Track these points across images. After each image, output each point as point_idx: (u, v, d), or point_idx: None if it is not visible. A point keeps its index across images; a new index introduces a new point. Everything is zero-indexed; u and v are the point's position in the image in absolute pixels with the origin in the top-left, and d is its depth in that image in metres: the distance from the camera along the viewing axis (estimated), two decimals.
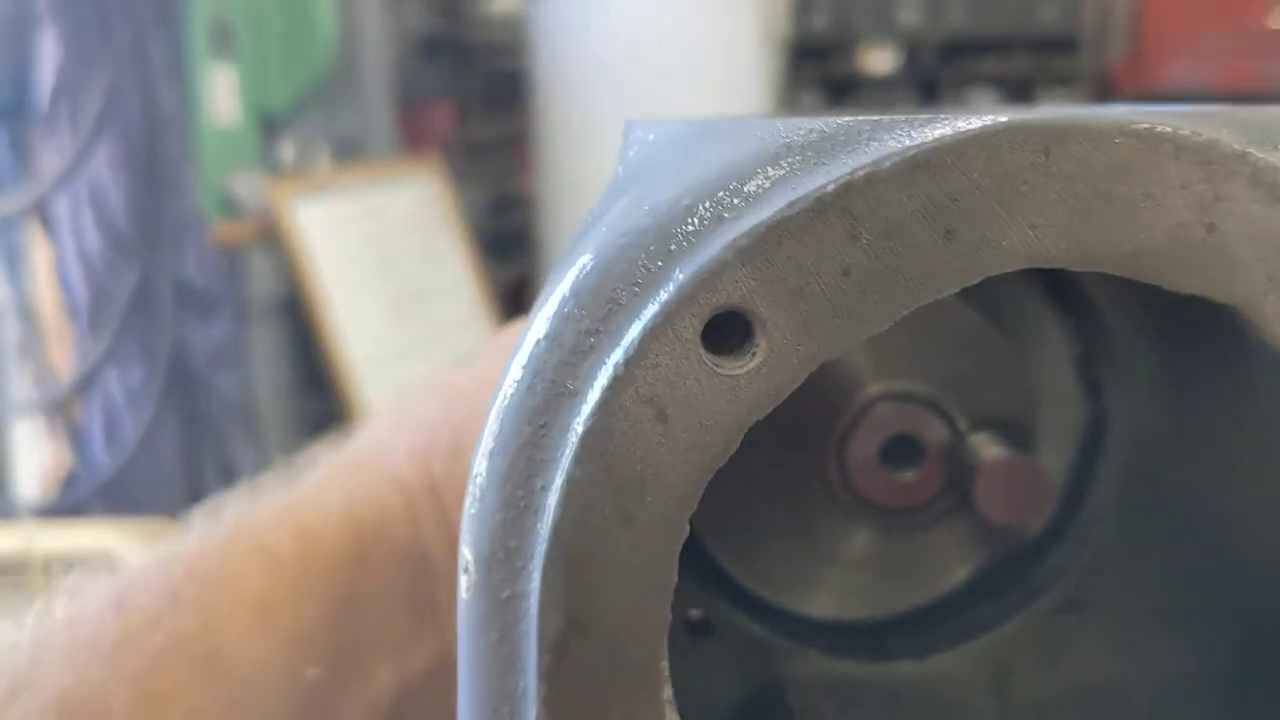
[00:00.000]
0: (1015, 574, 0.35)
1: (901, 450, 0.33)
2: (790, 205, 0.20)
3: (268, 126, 2.38)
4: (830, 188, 0.19)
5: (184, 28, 2.07)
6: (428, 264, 2.54)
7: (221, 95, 2.25)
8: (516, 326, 0.50)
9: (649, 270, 0.20)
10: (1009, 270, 0.20)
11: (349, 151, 2.59)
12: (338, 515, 0.39)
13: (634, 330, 0.20)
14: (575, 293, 0.21)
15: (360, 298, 2.32)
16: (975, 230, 0.20)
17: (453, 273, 2.60)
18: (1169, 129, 0.20)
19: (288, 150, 2.45)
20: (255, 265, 2.22)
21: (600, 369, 0.20)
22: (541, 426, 0.21)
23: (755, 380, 0.20)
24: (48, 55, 1.85)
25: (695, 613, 0.35)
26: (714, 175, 0.21)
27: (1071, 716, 0.34)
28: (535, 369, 0.21)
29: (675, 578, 0.21)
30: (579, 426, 0.21)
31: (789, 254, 0.20)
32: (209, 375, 1.99)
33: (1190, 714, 0.33)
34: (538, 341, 0.21)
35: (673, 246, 0.20)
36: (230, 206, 2.23)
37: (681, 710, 0.23)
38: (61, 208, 1.85)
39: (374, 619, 0.39)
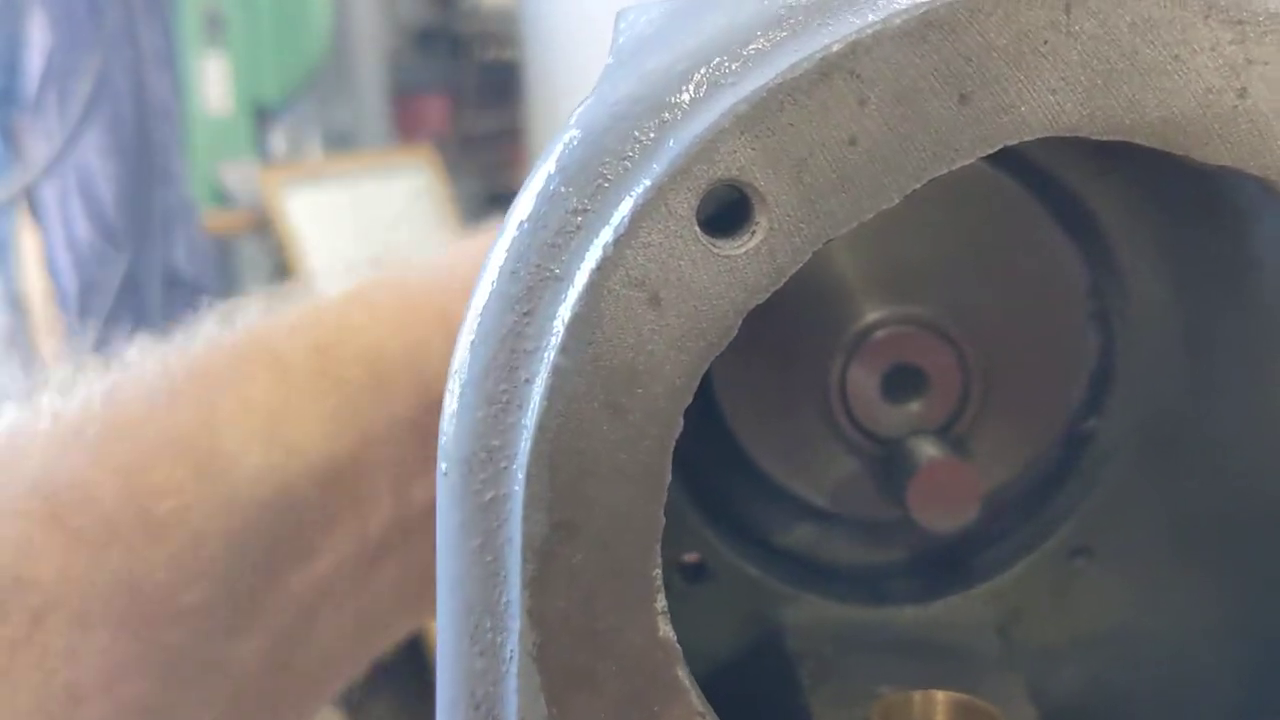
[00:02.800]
0: (1023, 515, 0.34)
1: (905, 379, 0.31)
2: (793, 68, 0.18)
3: (260, 116, 2.37)
4: (836, 48, 0.18)
5: (175, 15, 2.06)
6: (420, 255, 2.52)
7: (213, 84, 2.24)
8: None
9: (641, 142, 0.19)
10: (1028, 139, 0.19)
11: (341, 143, 2.57)
12: (362, 333, 0.38)
13: (624, 208, 0.19)
14: (561, 169, 0.19)
15: None
16: (992, 94, 0.18)
17: None
18: None
19: (279, 141, 2.43)
20: (246, 255, 2.20)
21: (588, 250, 0.19)
22: (525, 314, 0.20)
23: (755, 261, 0.19)
24: (37, 41, 1.83)
25: (691, 556, 0.34)
26: (712, 41, 0.19)
27: (1081, 661, 0.33)
28: (518, 252, 0.20)
29: (669, 475, 0.20)
30: (565, 313, 0.19)
31: (791, 121, 0.18)
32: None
33: (1203, 658, 0.31)
34: (521, 223, 0.20)
35: (666, 116, 0.19)
36: (221, 196, 2.21)
37: (683, 654, 0.22)
38: (50, 195, 1.84)
39: (380, 448, 0.37)
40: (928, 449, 0.29)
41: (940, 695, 0.29)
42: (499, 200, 3.10)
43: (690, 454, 0.34)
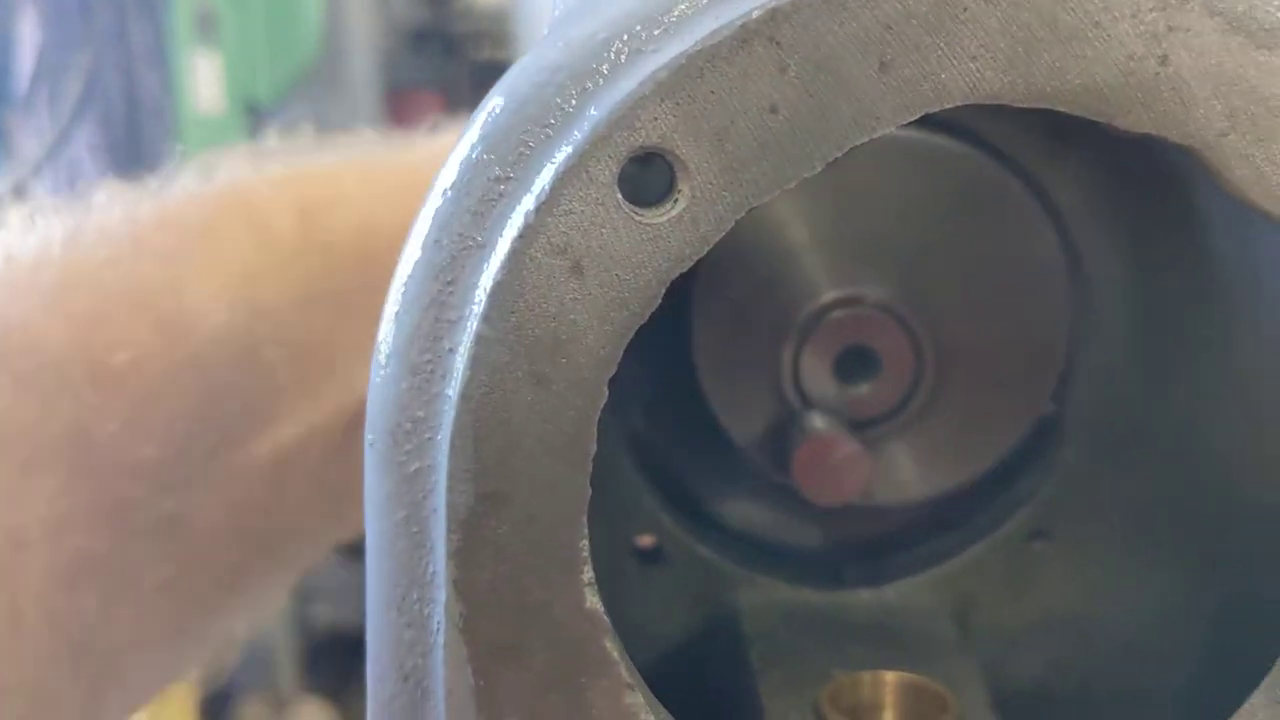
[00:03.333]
0: (979, 498, 0.34)
1: (858, 361, 0.31)
2: (712, 34, 0.18)
3: (252, 115, 2.36)
4: (755, 14, 0.18)
5: (167, 13, 2.05)
6: None
7: (205, 82, 2.23)
8: None
9: (563, 110, 0.19)
10: (948, 106, 0.19)
11: None
12: (352, 203, 0.36)
13: (546, 175, 0.19)
14: (484, 137, 0.19)
15: None
16: (912, 62, 0.18)
17: None
18: None
19: (272, 140, 2.43)
20: None
21: (510, 218, 0.19)
22: (449, 283, 0.20)
23: (678, 229, 0.19)
24: (28, 39, 1.83)
25: (646, 539, 0.34)
26: (634, 8, 0.19)
27: (1038, 645, 0.33)
28: (442, 221, 0.20)
29: (594, 446, 0.20)
30: (487, 281, 0.19)
31: (712, 88, 0.18)
32: None
33: (1158, 642, 0.31)
34: (444, 192, 0.20)
35: (588, 84, 0.19)
36: None
37: (631, 638, 0.22)
38: (41, 192, 1.83)
39: (362, 319, 0.36)
40: (819, 423, 0.29)
41: (889, 676, 0.29)
42: None
43: (646, 437, 0.34)
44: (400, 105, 2.80)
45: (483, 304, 0.19)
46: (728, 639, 0.32)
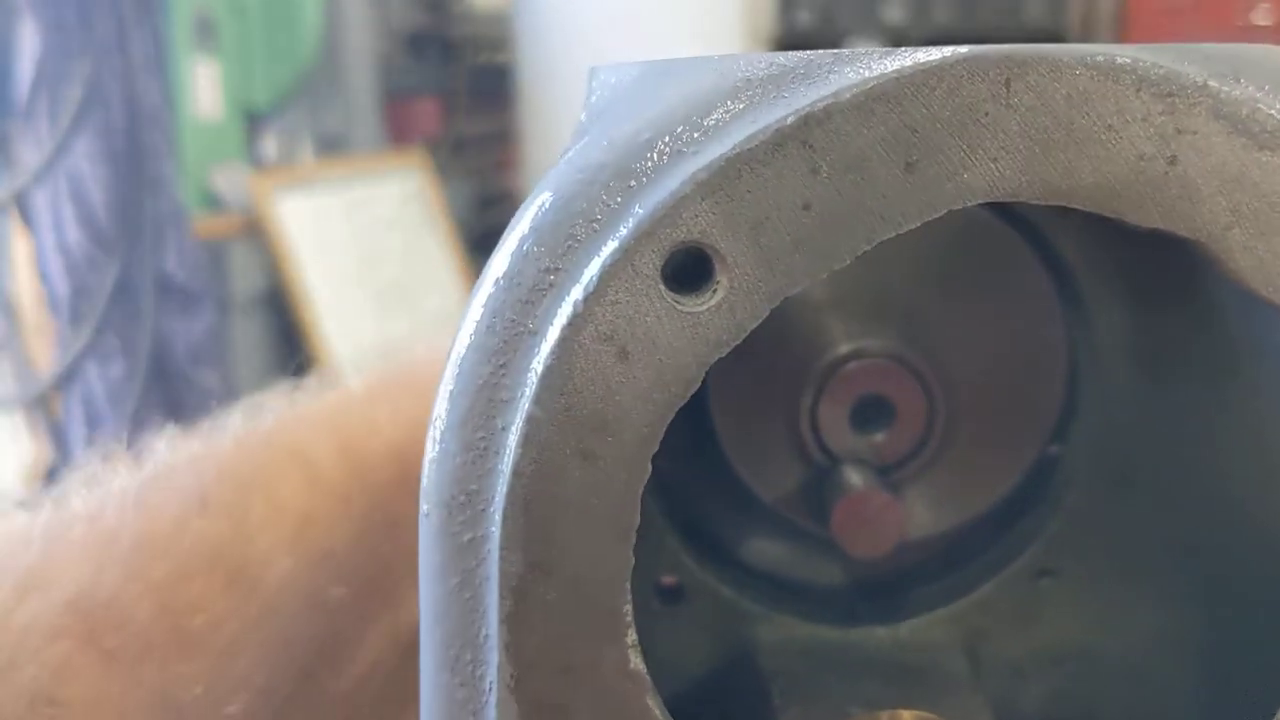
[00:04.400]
0: (989, 538, 0.35)
1: (873, 410, 0.32)
2: (749, 138, 0.19)
3: (251, 121, 2.37)
4: (790, 120, 0.19)
5: (166, 20, 2.06)
6: (412, 259, 2.53)
7: (204, 89, 2.24)
8: None
9: (608, 206, 0.20)
10: (970, 204, 0.20)
11: (333, 147, 2.57)
12: (385, 432, 0.38)
13: (593, 267, 0.20)
14: (534, 230, 0.21)
15: (343, 292, 2.31)
16: (936, 163, 0.20)
17: (437, 268, 2.59)
18: (1129, 60, 0.20)
19: (270, 145, 2.43)
20: (237, 259, 2.20)
21: (559, 307, 0.20)
22: (501, 366, 0.21)
23: (717, 317, 0.20)
24: (27, 47, 1.83)
25: (668, 578, 0.35)
26: (674, 110, 0.20)
27: (1046, 679, 0.34)
28: (494, 308, 0.21)
29: (638, 519, 0.21)
30: (538, 365, 0.20)
31: (749, 188, 0.20)
32: (190, 370, 1.97)
33: (1163, 676, 0.33)
34: (497, 280, 0.21)
35: (632, 182, 0.20)
36: (212, 200, 2.22)
37: (655, 674, 0.23)
38: (41, 201, 1.84)
39: (409, 543, 0.37)
40: (855, 478, 0.30)
41: (906, 715, 0.30)
42: (491, 203, 3.11)
43: (671, 479, 0.35)
44: (399, 110, 2.81)
45: (534, 386, 0.20)
46: (748, 675, 0.33)
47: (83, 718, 0.32)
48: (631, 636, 0.22)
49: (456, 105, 2.96)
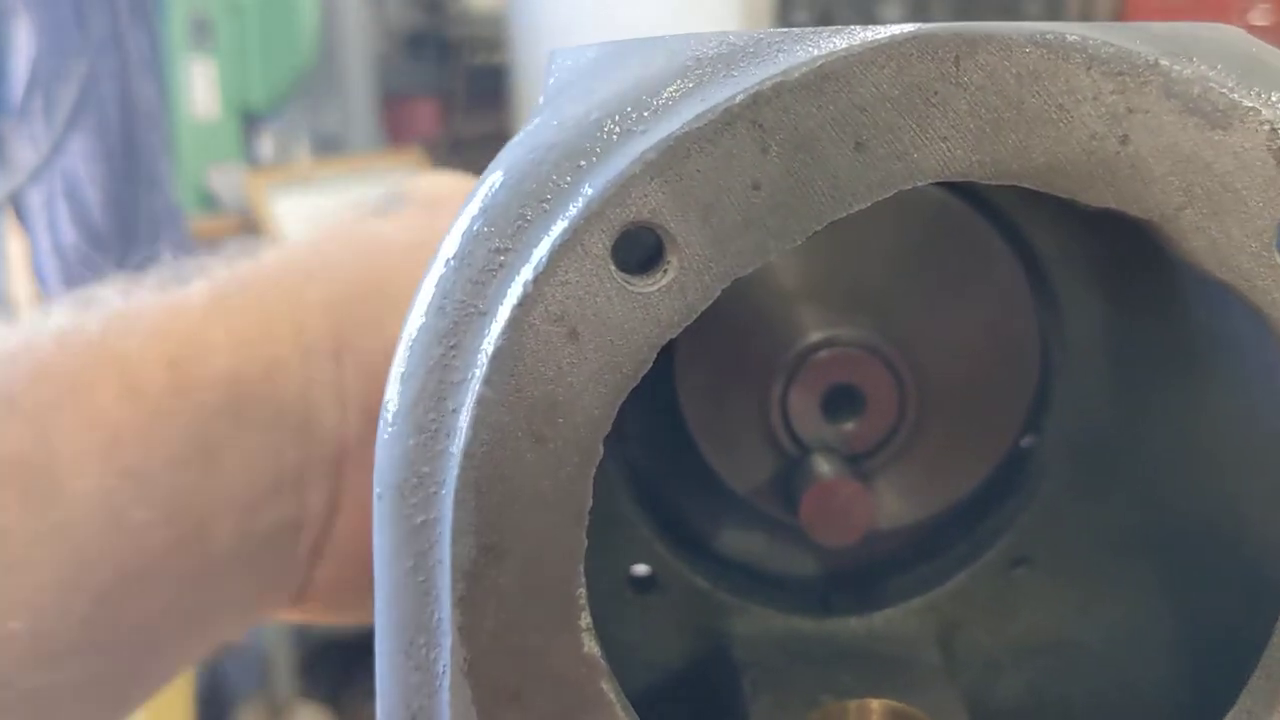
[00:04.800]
0: (962, 527, 0.35)
1: (844, 399, 0.32)
2: (698, 117, 0.19)
3: (247, 121, 2.37)
4: (739, 98, 0.19)
5: (162, 20, 2.06)
6: None
7: (200, 89, 2.24)
8: (447, 179, 0.47)
9: (558, 186, 0.20)
10: (920, 184, 0.20)
11: (330, 147, 2.57)
12: (220, 354, 0.35)
13: (543, 247, 0.20)
14: (484, 210, 0.21)
15: None
16: (886, 143, 0.20)
17: None
18: (1078, 38, 0.19)
19: (267, 146, 2.44)
20: None
21: (509, 287, 0.20)
22: (452, 348, 0.21)
23: (667, 297, 0.20)
24: (22, 46, 1.83)
25: (640, 568, 0.35)
26: (624, 91, 0.20)
27: (1021, 670, 0.34)
28: (445, 289, 0.21)
29: (590, 501, 0.21)
30: (489, 346, 0.20)
31: (698, 167, 0.19)
32: None
33: (1139, 666, 0.33)
34: (448, 261, 0.21)
35: (581, 162, 0.20)
36: (209, 200, 2.22)
37: (626, 663, 0.23)
38: (36, 201, 1.84)
39: (230, 474, 0.35)
40: (824, 466, 0.30)
41: (875, 704, 0.30)
42: None
43: (644, 468, 0.35)
44: (396, 110, 2.81)
45: (484, 367, 0.20)
46: (721, 666, 0.33)
47: None
48: (585, 620, 0.21)
49: (454, 105, 2.96)
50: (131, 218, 1.90)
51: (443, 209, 0.41)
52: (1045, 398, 0.34)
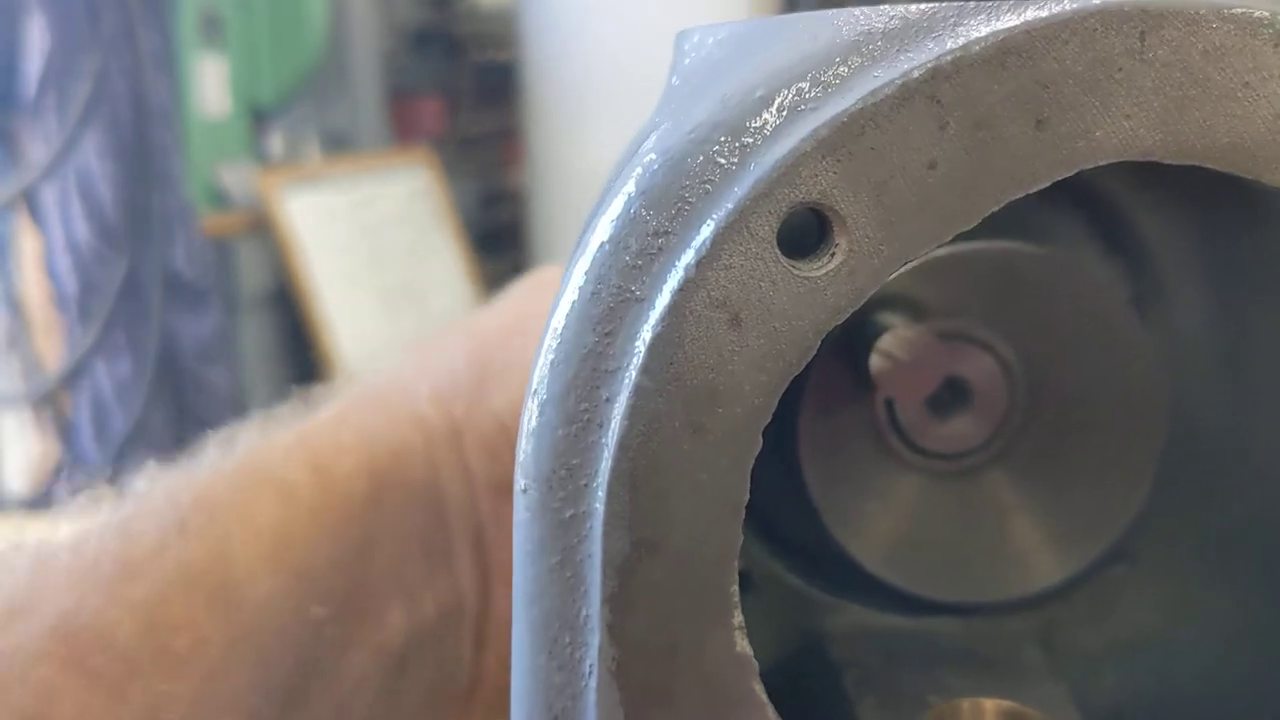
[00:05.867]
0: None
1: (950, 393, 0.31)
2: (874, 93, 0.19)
3: (257, 118, 2.36)
4: (916, 74, 0.18)
5: (173, 17, 2.05)
6: (418, 256, 2.52)
7: (211, 86, 2.23)
8: (547, 271, 0.49)
9: (721, 166, 0.19)
10: (1103, 163, 0.19)
11: (339, 145, 2.57)
12: (355, 451, 0.38)
13: (706, 230, 0.19)
14: (642, 192, 0.20)
15: (350, 290, 2.30)
16: (1068, 120, 0.19)
17: (443, 266, 2.58)
18: (1267, 14, 0.19)
19: (277, 142, 2.43)
20: (244, 256, 2.19)
21: (669, 272, 0.19)
22: (607, 334, 0.20)
23: (835, 282, 0.19)
24: (35, 43, 1.82)
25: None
26: (790, 65, 0.20)
27: (1121, 669, 0.33)
28: (599, 274, 0.20)
29: (748, 494, 0.20)
30: (647, 333, 0.19)
31: (872, 145, 0.19)
32: (198, 367, 1.96)
33: (1241, 668, 0.32)
34: (601, 245, 0.20)
35: (747, 140, 0.19)
36: (219, 197, 2.21)
37: None
38: (49, 198, 1.83)
39: (386, 561, 0.38)
40: (891, 319, 0.29)
41: (989, 704, 0.30)
42: (496, 200, 3.10)
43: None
44: (404, 107, 2.80)
45: (642, 355, 0.19)
46: (819, 666, 0.32)
47: None
48: (738, 618, 0.21)
49: (462, 103, 2.95)
50: (144, 214, 1.89)
51: (542, 290, 0.44)
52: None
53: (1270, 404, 0.32)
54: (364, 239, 2.41)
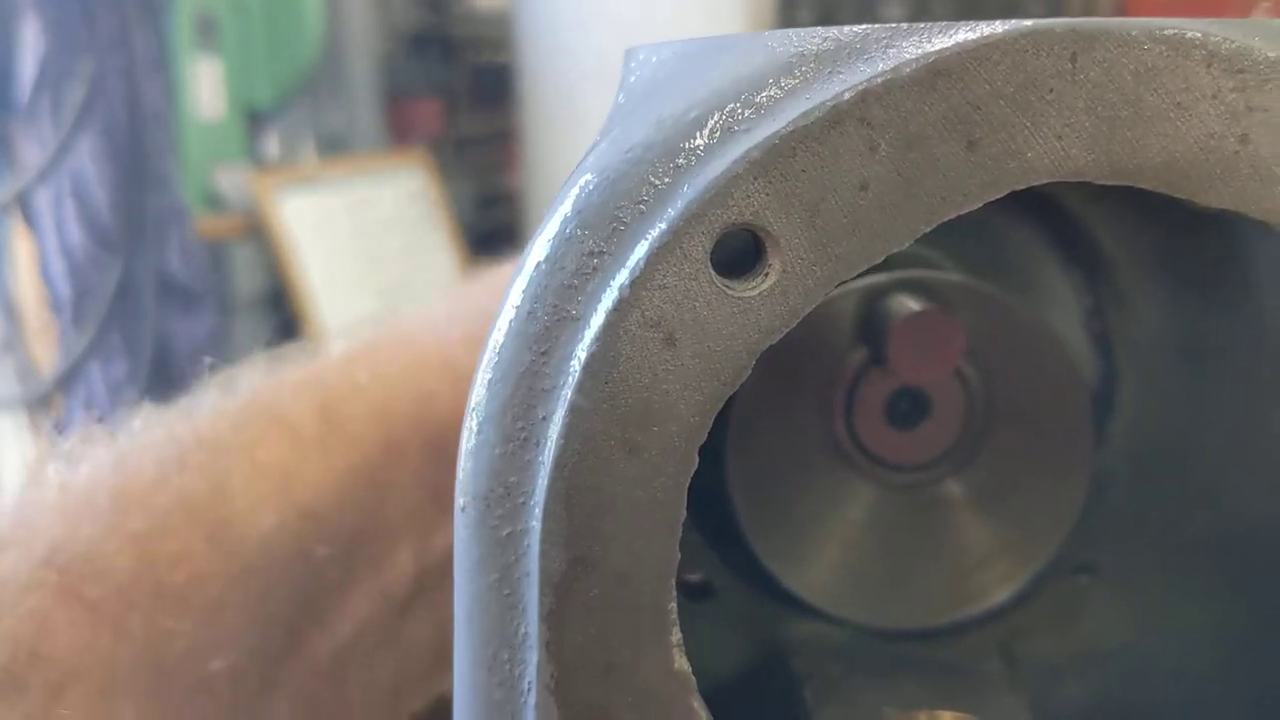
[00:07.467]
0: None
1: (908, 404, 0.32)
2: (805, 115, 0.19)
3: (253, 120, 2.36)
4: (847, 95, 0.18)
5: (168, 19, 2.05)
6: (414, 258, 2.52)
7: (206, 88, 2.23)
8: None
9: (655, 186, 0.19)
10: (1034, 183, 0.19)
11: (335, 147, 2.57)
12: (368, 393, 0.37)
13: (640, 250, 0.19)
14: (577, 212, 0.20)
15: (346, 292, 2.30)
16: (999, 141, 0.19)
17: (439, 268, 2.59)
18: (1199, 34, 0.19)
19: (273, 145, 2.43)
20: (240, 259, 2.19)
21: (604, 292, 0.19)
22: (543, 354, 0.20)
23: (768, 302, 0.19)
24: (30, 46, 1.82)
25: (694, 576, 0.34)
26: (724, 87, 0.20)
27: (1084, 679, 0.34)
28: (535, 294, 0.20)
29: (684, 512, 0.20)
30: (582, 353, 0.20)
31: (804, 167, 0.19)
32: (193, 370, 1.96)
33: (1205, 677, 0.32)
34: (538, 265, 0.20)
35: (680, 161, 0.19)
36: (214, 200, 2.21)
37: None
38: (44, 201, 1.83)
39: (397, 504, 0.37)
40: (908, 303, 0.29)
41: (946, 716, 0.30)
42: (493, 202, 3.10)
43: (695, 476, 0.34)
44: (400, 109, 2.80)
45: (577, 374, 0.20)
46: (780, 675, 0.32)
47: (67, 669, 0.32)
48: (676, 635, 0.21)
49: (458, 105, 2.95)
50: (139, 218, 1.89)
51: None
52: (1110, 402, 0.34)
53: (1228, 418, 0.32)
54: (360, 241, 2.41)
